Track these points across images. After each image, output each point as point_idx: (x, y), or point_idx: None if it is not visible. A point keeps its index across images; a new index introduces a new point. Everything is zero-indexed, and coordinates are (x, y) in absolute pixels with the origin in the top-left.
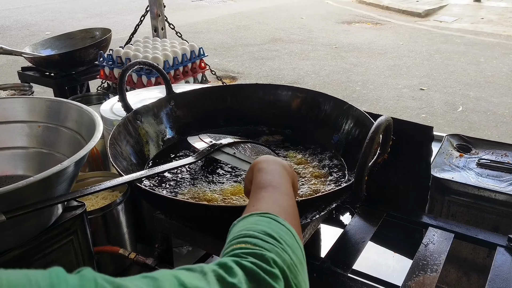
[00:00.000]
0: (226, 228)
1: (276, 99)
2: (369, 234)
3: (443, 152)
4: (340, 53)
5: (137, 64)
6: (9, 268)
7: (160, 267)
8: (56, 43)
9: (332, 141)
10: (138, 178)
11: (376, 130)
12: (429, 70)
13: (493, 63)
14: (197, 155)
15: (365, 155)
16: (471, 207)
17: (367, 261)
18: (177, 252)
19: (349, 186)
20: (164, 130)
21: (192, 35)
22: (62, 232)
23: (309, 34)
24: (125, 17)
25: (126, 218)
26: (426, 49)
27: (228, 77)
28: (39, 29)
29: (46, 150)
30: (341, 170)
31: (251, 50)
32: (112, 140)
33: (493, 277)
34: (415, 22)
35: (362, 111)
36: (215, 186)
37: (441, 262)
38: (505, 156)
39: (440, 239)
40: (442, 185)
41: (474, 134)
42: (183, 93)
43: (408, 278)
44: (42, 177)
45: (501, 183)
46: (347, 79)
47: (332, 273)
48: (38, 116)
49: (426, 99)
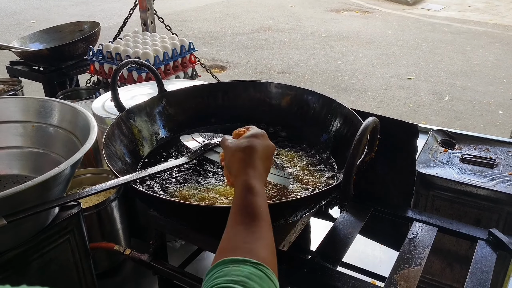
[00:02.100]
0: (217, 226)
1: (266, 96)
2: (357, 229)
3: (428, 148)
4: (328, 42)
5: (129, 63)
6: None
7: (155, 262)
8: (44, 36)
9: (322, 139)
10: (132, 180)
11: (364, 131)
12: (416, 59)
13: (480, 52)
14: (190, 155)
15: (353, 156)
16: (454, 202)
17: (355, 252)
18: (171, 246)
19: (337, 185)
20: (157, 128)
21: (180, 24)
22: (59, 231)
23: (298, 23)
24: (112, 4)
25: (120, 214)
26: (414, 38)
27: (217, 67)
28: (24, 18)
29: (41, 150)
30: (330, 168)
31: (239, 39)
32: (106, 141)
33: (474, 269)
34: (403, 10)
35: (350, 110)
36: (208, 186)
37: (425, 255)
38: (487, 151)
39: (424, 233)
40: (426, 180)
41: (460, 124)
42: (175, 92)
43: (393, 272)
44: (40, 180)
45: (483, 178)
46: (335, 68)
47: (321, 268)
48: (32, 116)
49: (413, 88)
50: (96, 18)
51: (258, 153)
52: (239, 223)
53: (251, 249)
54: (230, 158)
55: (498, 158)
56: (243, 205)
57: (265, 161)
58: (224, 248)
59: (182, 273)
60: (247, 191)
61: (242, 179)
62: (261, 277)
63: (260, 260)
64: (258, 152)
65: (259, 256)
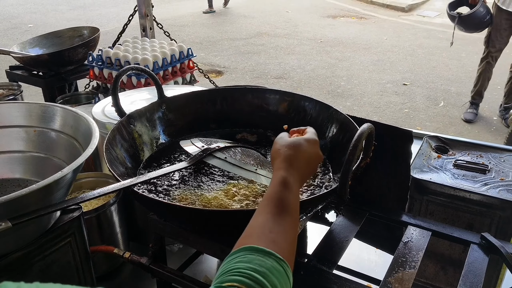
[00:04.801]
0: (217, 229)
1: (264, 102)
2: (353, 232)
3: (422, 153)
4: (325, 47)
5: (129, 69)
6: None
7: (154, 265)
8: (43, 41)
9: None
10: (133, 184)
11: (359, 138)
12: (412, 65)
13: (474, 58)
14: (189, 160)
15: (349, 162)
16: (447, 206)
17: (351, 256)
18: (169, 249)
19: (334, 189)
20: (157, 133)
21: (177, 29)
22: (60, 234)
23: (295, 28)
24: (109, 9)
25: (119, 218)
26: (409, 44)
27: (214, 72)
28: (21, 22)
29: (43, 154)
30: (327, 172)
31: (236, 44)
32: (107, 145)
33: (467, 273)
34: (399, 17)
35: (346, 116)
36: (207, 190)
37: (419, 259)
38: (480, 157)
39: (418, 237)
40: (421, 185)
41: (455, 129)
42: (174, 97)
43: (388, 275)
44: (44, 184)
45: (475, 184)
46: (332, 74)
47: (317, 271)
48: (34, 121)
49: (409, 94)
50: (93, 22)
51: (304, 156)
52: (268, 212)
53: (274, 240)
54: (277, 151)
55: (491, 164)
56: (276, 197)
57: (308, 166)
58: (249, 233)
59: (180, 276)
60: (283, 185)
61: (281, 173)
62: (280, 273)
63: (281, 253)
64: (304, 156)
65: (281, 248)
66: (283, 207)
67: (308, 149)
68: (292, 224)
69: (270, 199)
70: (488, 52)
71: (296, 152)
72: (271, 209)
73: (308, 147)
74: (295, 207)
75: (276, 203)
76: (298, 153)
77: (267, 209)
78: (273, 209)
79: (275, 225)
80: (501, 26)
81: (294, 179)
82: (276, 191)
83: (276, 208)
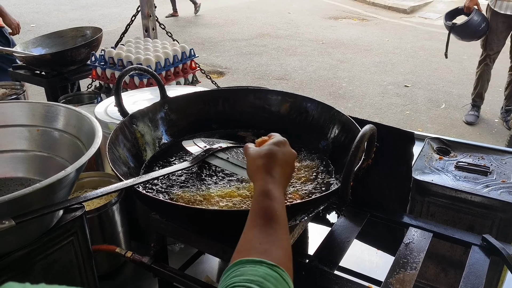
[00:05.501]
0: (219, 229)
1: (266, 103)
2: (354, 233)
3: (424, 155)
4: (327, 49)
5: (132, 70)
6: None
7: (155, 265)
8: (46, 41)
9: (320, 145)
10: (136, 183)
11: (361, 139)
12: (413, 67)
13: (475, 60)
14: (192, 160)
15: (351, 163)
16: (448, 208)
17: (352, 257)
18: (170, 249)
19: (335, 190)
20: (159, 133)
21: (179, 29)
22: (63, 233)
23: (296, 30)
24: (111, 9)
25: (121, 217)
26: (411, 46)
27: (215, 72)
28: (23, 21)
29: (46, 154)
30: (329, 173)
31: (238, 45)
32: (110, 145)
33: (468, 274)
34: (401, 19)
35: (348, 117)
36: (209, 190)
37: (420, 260)
38: (481, 159)
39: (420, 238)
40: (422, 187)
41: (456, 131)
42: (177, 98)
43: (389, 276)
44: (48, 183)
45: (477, 185)
46: (333, 75)
47: (319, 271)
48: (37, 120)
49: (410, 96)
50: (96, 23)
51: (277, 160)
52: (255, 225)
53: (265, 250)
54: (251, 165)
55: (492, 165)
56: (259, 209)
57: (285, 167)
58: (240, 249)
59: (182, 275)
60: (264, 195)
61: (259, 184)
62: (276, 279)
63: (274, 261)
64: (278, 159)
65: (273, 256)
66: (268, 216)
67: (280, 151)
68: (282, 230)
69: (254, 213)
70: (486, 54)
71: (270, 158)
72: (257, 222)
73: (280, 149)
74: (281, 213)
75: (261, 214)
76: (272, 158)
77: (253, 222)
78: (259, 221)
79: (264, 236)
80: (497, 29)
81: (274, 186)
82: (258, 203)
83: (262, 220)
